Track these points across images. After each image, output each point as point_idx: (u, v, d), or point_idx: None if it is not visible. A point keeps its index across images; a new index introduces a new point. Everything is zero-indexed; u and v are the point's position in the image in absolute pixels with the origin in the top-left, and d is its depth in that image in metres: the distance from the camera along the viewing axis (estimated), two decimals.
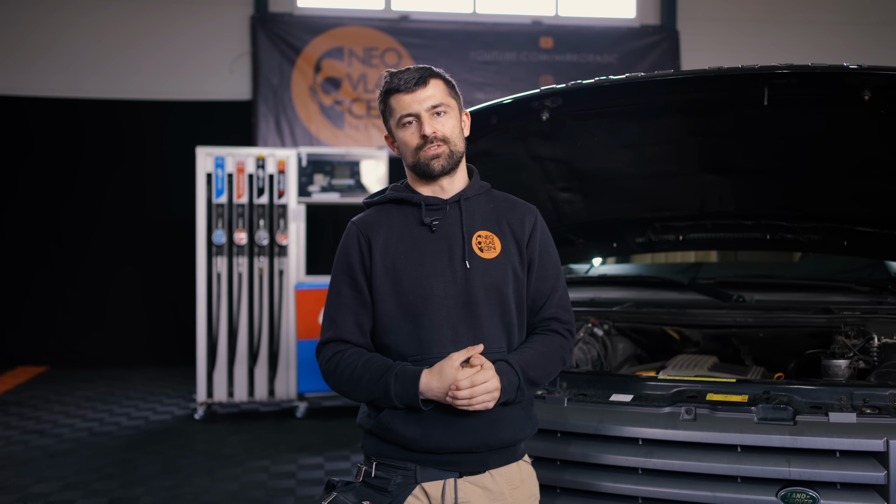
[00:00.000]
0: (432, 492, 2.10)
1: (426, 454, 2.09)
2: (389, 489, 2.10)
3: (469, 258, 2.14)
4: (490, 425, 2.10)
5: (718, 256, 4.60)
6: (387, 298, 2.12)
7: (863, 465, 2.29)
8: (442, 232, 2.16)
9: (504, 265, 2.17)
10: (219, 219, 6.95)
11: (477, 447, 2.09)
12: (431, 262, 2.13)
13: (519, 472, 2.20)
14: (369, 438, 2.18)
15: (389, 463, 2.13)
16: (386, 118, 2.22)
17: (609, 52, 10.22)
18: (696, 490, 2.42)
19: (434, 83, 2.16)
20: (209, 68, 9.62)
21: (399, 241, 2.15)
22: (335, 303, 2.18)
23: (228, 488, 5.17)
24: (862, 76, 2.54)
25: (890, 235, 3.33)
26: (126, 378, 8.82)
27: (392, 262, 2.13)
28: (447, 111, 2.17)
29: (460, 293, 2.11)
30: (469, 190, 2.23)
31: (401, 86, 2.14)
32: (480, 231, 2.19)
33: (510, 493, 2.16)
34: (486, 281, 2.13)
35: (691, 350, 3.49)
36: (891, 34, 10.41)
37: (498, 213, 2.24)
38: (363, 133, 9.75)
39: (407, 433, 2.08)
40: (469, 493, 2.11)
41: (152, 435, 6.52)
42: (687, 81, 2.80)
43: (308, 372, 7.00)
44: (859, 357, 2.95)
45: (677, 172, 3.34)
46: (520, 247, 2.21)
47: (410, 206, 2.20)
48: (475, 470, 2.12)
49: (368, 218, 2.22)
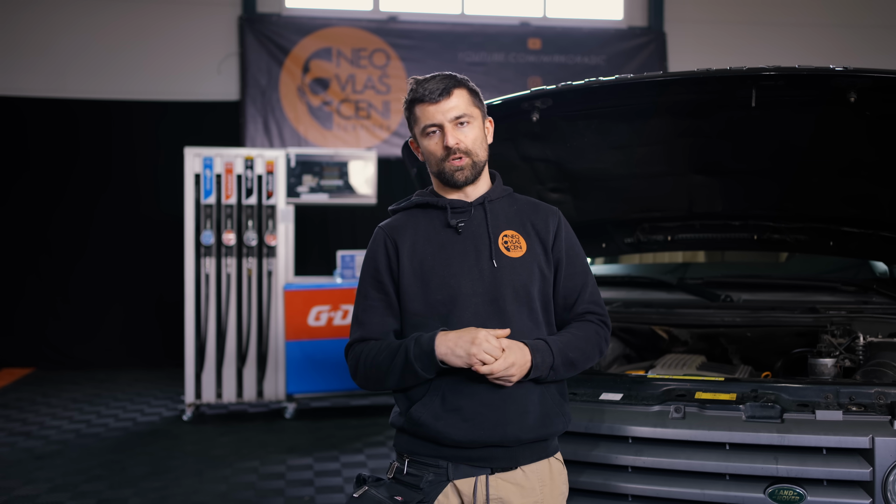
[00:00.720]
0: (464, 489, 2.13)
1: (457, 449, 2.12)
2: (421, 486, 2.13)
3: (496, 257, 2.18)
4: (520, 418, 2.12)
5: (705, 256, 4.64)
6: (415, 298, 2.17)
7: (849, 462, 2.32)
8: (468, 233, 2.21)
9: (530, 264, 2.21)
10: (207, 219, 6.94)
11: (508, 441, 2.12)
12: (459, 262, 2.18)
13: (549, 468, 2.23)
14: (401, 436, 2.22)
15: (421, 460, 2.16)
16: (411, 125, 2.26)
17: (597, 53, 10.27)
18: (686, 488, 2.45)
19: (458, 93, 2.19)
20: (197, 69, 9.59)
21: (426, 244, 2.20)
22: (362, 305, 2.24)
23: (218, 489, 5.17)
24: (848, 78, 2.57)
25: (875, 236, 3.37)
26: (113, 380, 8.79)
27: (420, 263, 2.18)
28: (470, 121, 2.20)
29: (488, 291, 2.16)
30: (492, 193, 2.28)
31: (425, 96, 2.17)
32: (506, 231, 2.24)
33: (541, 490, 2.19)
34: (514, 279, 2.18)
35: (680, 349, 3.52)
36: (878, 37, 10.50)
37: (521, 215, 2.29)
38: (351, 134, 9.75)
39: (437, 426, 2.10)
40: (501, 490, 2.14)
41: (140, 436, 6.50)
42: (676, 83, 2.83)
43: (297, 373, 7.00)
44: (845, 356, 3.00)
45: (666, 173, 3.36)
46: (545, 247, 2.26)
47: (436, 210, 2.25)
48: (507, 466, 2.15)
49: (395, 223, 2.28)
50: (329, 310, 7.07)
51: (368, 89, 9.82)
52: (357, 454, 5.96)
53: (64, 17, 9.36)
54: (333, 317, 7.07)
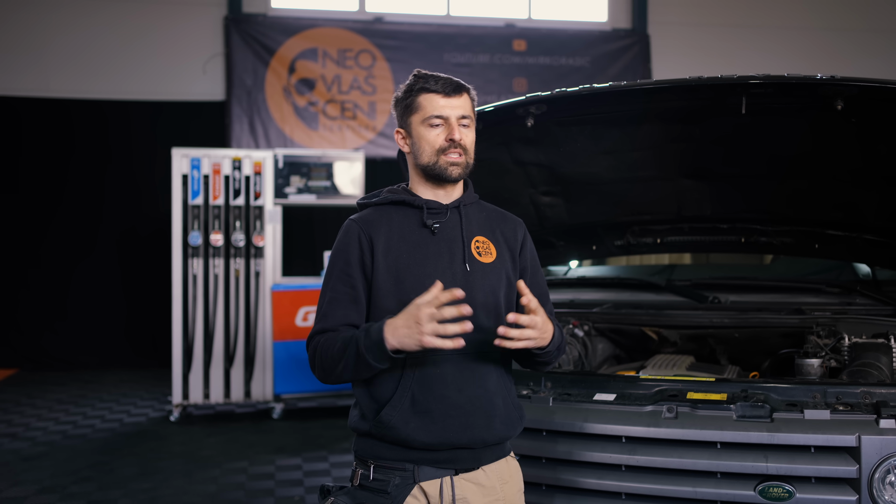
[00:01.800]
0: (430, 490, 2.15)
1: (424, 452, 2.14)
2: (388, 490, 2.14)
3: (469, 261, 2.21)
4: (486, 421, 2.17)
5: (691, 258, 4.70)
6: (388, 296, 2.17)
7: (836, 460, 2.38)
8: (442, 235, 2.23)
9: (499, 270, 2.26)
10: (194, 220, 6.93)
11: (474, 443, 2.16)
12: (433, 262, 2.19)
13: (507, 467, 2.27)
14: (365, 440, 2.20)
15: (387, 464, 2.16)
16: (408, 114, 2.24)
17: (581, 55, 10.34)
18: (678, 486, 2.50)
19: (465, 96, 2.24)
20: (182, 69, 9.57)
21: (400, 241, 2.21)
22: (328, 297, 2.21)
23: (207, 490, 5.18)
24: (835, 86, 2.64)
25: (859, 239, 3.45)
26: (99, 380, 8.76)
27: (394, 261, 2.19)
28: (470, 125, 2.25)
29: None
30: (466, 198, 2.31)
31: (438, 88, 2.20)
32: (478, 236, 2.27)
33: (501, 488, 2.23)
34: (484, 284, 2.21)
35: (669, 350, 3.57)
36: (862, 40, 10.64)
37: (491, 222, 2.33)
38: (337, 134, 9.76)
39: (407, 430, 2.11)
40: (465, 490, 2.17)
41: (128, 437, 6.49)
42: (667, 90, 2.88)
43: (284, 373, 7.01)
44: (831, 356, 3.07)
45: (656, 177, 3.42)
46: (512, 255, 2.31)
47: (411, 209, 2.26)
48: (470, 467, 2.18)
49: (368, 217, 2.26)
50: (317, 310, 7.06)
51: (354, 90, 9.84)
52: (345, 454, 5.98)
53: (42, 17, 9.30)
54: None
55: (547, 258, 4.07)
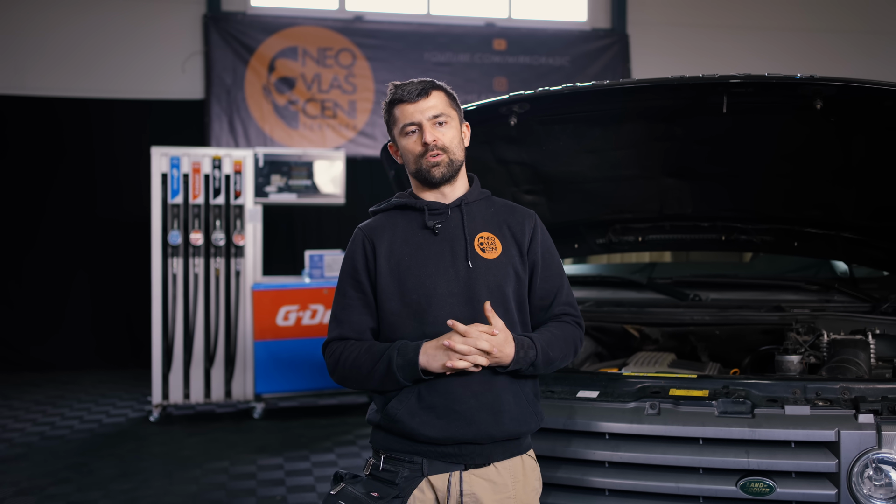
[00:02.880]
0: (438, 484, 2.18)
1: (432, 446, 2.17)
2: (397, 482, 2.18)
3: (471, 258, 2.24)
4: (493, 417, 2.18)
5: (672, 256, 4.74)
6: (392, 298, 2.22)
7: (816, 455, 2.42)
8: (444, 234, 2.26)
9: (505, 265, 2.27)
10: (174, 219, 6.89)
11: (481, 438, 2.17)
12: (435, 262, 2.23)
13: (522, 465, 2.28)
14: (378, 433, 2.27)
15: (397, 456, 2.21)
16: (390, 127, 2.32)
17: (561, 54, 10.37)
18: (661, 482, 2.52)
19: (436, 94, 2.26)
20: (161, 67, 9.49)
21: (403, 244, 2.26)
22: (341, 304, 2.30)
23: (188, 490, 5.16)
24: (814, 86, 2.67)
25: (837, 237, 3.50)
26: (77, 381, 8.67)
27: (397, 264, 2.23)
28: (447, 121, 2.26)
29: (463, 291, 2.21)
30: (470, 195, 2.33)
31: (404, 96, 2.23)
32: (482, 233, 2.29)
33: (513, 486, 2.24)
34: (489, 279, 2.23)
35: (650, 347, 3.60)
36: (836, 42, 10.75)
37: (498, 217, 2.35)
38: (317, 133, 9.73)
39: (413, 423, 2.15)
40: (474, 486, 2.19)
41: (107, 438, 6.44)
42: (650, 89, 2.90)
43: (265, 373, 6.99)
44: (810, 353, 3.11)
45: (638, 176, 3.45)
46: (520, 249, 2.31)
47: (414, 212, 2.30)
48: (480, 462, 2.20)
49: (374, 223, 2.33)
50: (297, 309, 7.07)
51: (334, 89, 9.81)
52: (327, 453, 5.97)
53: (19, 13, 9.18)
54: (302, 316, 7.07)
55: None
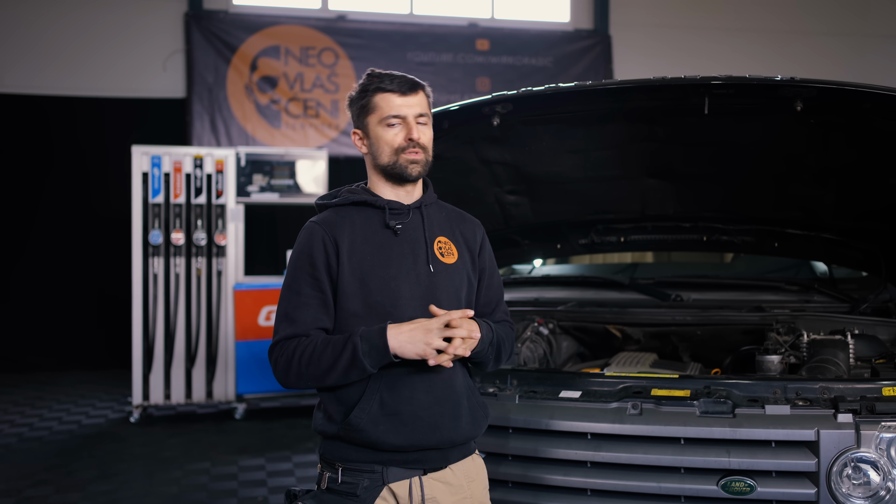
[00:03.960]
0: (399, 491, 2.15)
1: (393, 453, 2.13)
2: (358, 493, 2.12)
3: (432, 262, 2.22)
4: (454, 422, 2.18)
5: (653, 257, 4.76)
6: (353, 298, 2.15)
7: (796, 454, 2.43)
8: (405, 236, 2.22)
9: (461, 271, 2.27)
10: (155, 219, 6.85)
11: (443, 443, 2.17)
12: (397, 264, 2.19)
13: (474, 465, 2.29)
14: (333, 443, 2.18)
15: (355, 467, 2.14)
16: (363, 114, 2.23)
17: (544, 55, 10.39)
18: (642, 481, 2.53)
19: (421, 93, 2.24)
20: (142, 65, 9.42)
21: (364, 243, 2.19)
22: (295, 302, 2.16)
23: (169, 491, 5.12)
24: (795, 88, 2.69)
25: (817, 238, 3.52)
26: (56, 382, 8.61)
27: (359, 263, 2.16)
28: (427, 122, 2.25)
29: (424, 295, 2.18)
30: (427, 198, 2.31)
31: (395, 87, 2.19)
32: (440, 237, 2.27)
33: (468, 486, 2.24)
34: (447, 284, 2.22)
35: (632, 348, 3.61)
36: (816, 43, 10.85)
37: (451, 223, 2.34)
38: (300, 133, 9.70)
39: (377, 432, 2.10)
40: (434, 489, 2.17)
41: (86, 439, 6.39)
42: (632, 90, 2.91)
43: (247, 373, 6.95)
44: (790, 353, 3.13)
45: (621, 176, 3.46)
46: (472, 255, 2.33)
47: (372, 209, 2.24)
48: (438, 466, 2.19)
49: (330, 218, 2.23)
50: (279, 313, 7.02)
51: (317, 88, 9.78)
52: (309, 454, 5.95)
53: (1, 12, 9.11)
54: None
55: (512, 257, 4.09)
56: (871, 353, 3.13)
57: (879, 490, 2.40)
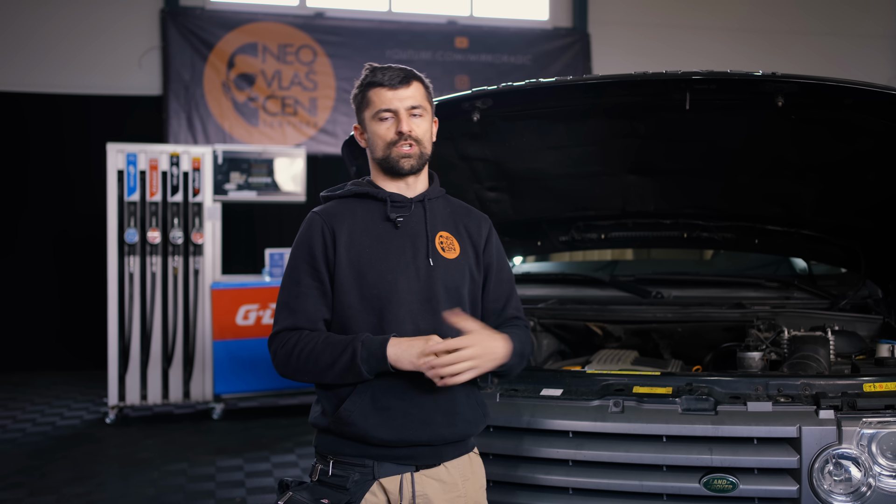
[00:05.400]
0: (390, 487, 2.13)
1: (384, 448, 2.11)
2: (348, 486, 2.11)
3: (433, 256, 2.19)
4: (447, 418, 2.15)
5: (633, 254, 4.75)
6: (350, 290, 2.14)
7: (778, 451, 2.42)
8: (406, 229, 2.20)
9: (463, 266, 2.24)
10: (131, 217, 6.77)
11: (435, 440, 2.14)
12: (396, 257, 2.17)
13: (470, 463, 2.26)
14: (325, 436, 2.18)
15: (346, 460, 2.14)
16: (360, 110, 2.25)
17: (523, 53, 10.39)
18: (624, 479, 2.51)
19: (416, 85, 2.21)
20: (117, 62, 9.31)
21: (363, 235, 2.18)
22: (294, 292, 2.17)
23: (145, 493, 5.05)
24: (776, 83, 2.68)
25: (797, 234, 3.53)
26: (29, 383, 8.49)
27: (357, 255, 2.16)
28: (423, 114, 2.22)
29: (422, 289, 2.16)
30: (431, 192, 2.29)
31: (385, 81, 2.18)
32: (442, 231, 2.25)
33: (463, 485, 2.21)
34: (447, 279, 2.19)
35: (613, 345, 3.59)
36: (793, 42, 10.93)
37: (455, 217, 2.31)
38: (278, 131, 9.63)
39: (367, 426, 2.09)
40: (426, 486, 2.15)
41: (61, 441, 6.30)
42: (613, 85, 2.89)
43: (224, 373, 6.89)
44: (771, 349, 3.12)
45: (601, 173, 3.44)
46: (476, 251, 2.29)
47: (374, 202, 2.23)
48: (431, 463, 2.16)
49: (331, 210, 2.23)
50: (258, 308, 6.98)
51: (295, 86, 9.71)
52: (288, 454, 5.90)
53: None
54: (262, 315, 6.98)
55: None
56: (851, 350, 3.13)
57: (861, 486, 2.39)
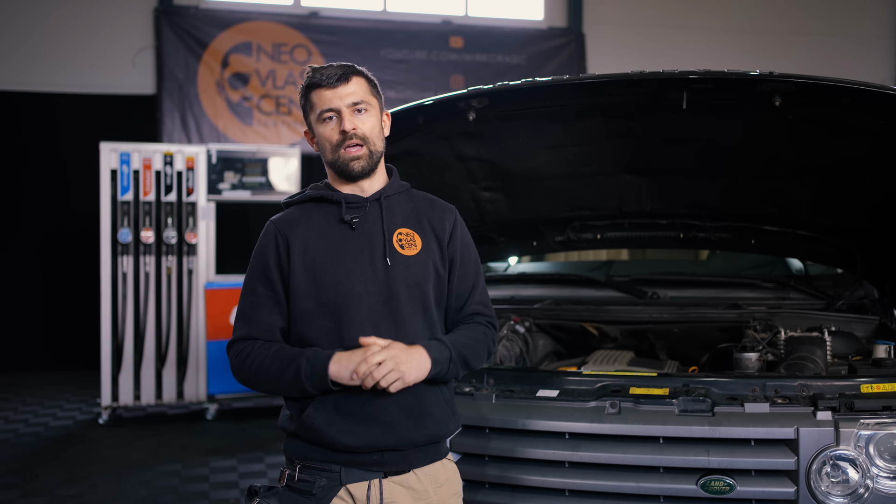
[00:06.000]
0: (357, 493, 2.08)
1: (350, 454, 2.07)
2: (314, 492, 2.08)
3: (390, 255, 2.14)
4: (414, 420, 2.10)
5: (629, 255, 4.74)
6: (306, 297, 2.11)
7: (775, 453, 2.41)
8: (362, 230, 2.16)
9: (425, 262, 2.18)
10: (124, 217, 6.73)
11: (401, 444, 2.09)
12: (352, 259, 2.12)
13: (443, 470, 2.20)
14: (292, 441, 2.15)
15: (313, 465, 2.10)
16: (306, 113, 2.21)
17: (518, 52, 10.37)
18: (621, 481, 2.49)
19: (356, 80, 2.16)
20: (110, 61, 9.26)
21: (318, 239, 2.14)
22: (250, 301, 2.16)
23: (138, 494, 5.03)
24: (774, 83, 2.66)
25: (793, 234, 3.52)
26: (22, 383, 8.44)
27: (312, 260, 2.12)
28: (368, 109, 2.16)
29: (381, 290, 2.11)
30: (389, 188, 2.23)
31: (322, 81, 2.13)
32: (401, 228, 2.19)
33: (435, 492, 2.16)
34: (408, 277, 2.14)
35: (609, 346, 3.59)
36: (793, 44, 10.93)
37: (418, 212, 2.25)
38: (272, 130, 9.59)
39: (330, 432, 2.05)
40: (394, 494, 2.10)
41: (53, 441, 6.26)
42: (610, 84, 2.87)
43: (218, 373, 6.85)
44: (768, 350, 3.11)
45: (597, 173, 3.43)
46: (441, 245, 2.22)
47: (330, 204, 2.19)
48: (400, 470, 2.11)
49: (287, 217, 2.20)
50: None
51: (289, 85, 9.68)
52: (281, 455, 5.85)
53: None
54: None
55: (488, 254, 4.05)
56: (847, 350, 3.12)
57: (858, 488, 2.39)
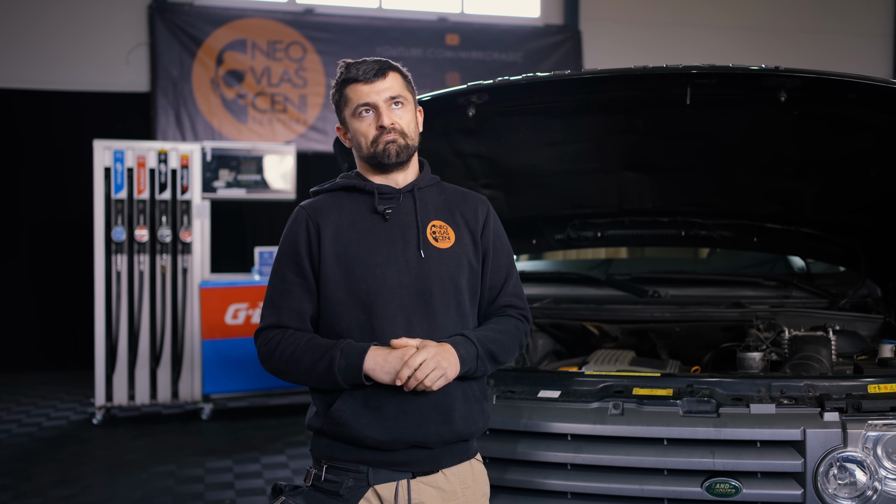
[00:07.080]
0: (385, 494, 2.06)
1: (378, 452, 2.05)
2: (341, 493, 2.05)
3: (424, 247, 2.11)
4: (443, 416, 2.07)
5: (627, 252, 4.70)
6: (337, 286, 2.08)
7: (781, 454, 2.37)
8: (395, 221, 2.13)
9: (458, 255, 2.15)
10: (118, 215, 6.67)
11: (430, 439, 2.06)
12: (385, 250, 2.10)
13: (471, 470, 2.18)
14: (319, 440, 2.12)
15: (340, 465, 2.08)
16: (340, 108, 2.18)
17: (514, 50, 10.34)
18: (624, 484, 2.46)
19: (393, 75, 2.15)
20: (104, 58, 9.20)
21: (350, 229, 2.12)
22: (280, 288, 2.13)
23: (133, 495, 4.98)
24: (779, 78, 2.62)
25: (796, 232, 3.47)
26: (15, 383, 8.38)
27: (344, 250, 2.09)
28: (404, 104, 2.16)
29: (414, 282, 2.09)
30: (421, 181, 2.21)
31: (359, 76, 2.11)
32: (434, 221, 2.17)
33: (463, 493, 2.14)
34: (441, 270, 2.11)
35: (610, 345, 3.54)
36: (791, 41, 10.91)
37: (450, 204, 2.22)
38: (267, 128, 9.54)
39: (358, 425, 2.03)
40: (422, 494, 2.08)
41: (47, 442, 6.21)
42: (612, 79, 2.83)
43: (214, 373, 6.80)
44: (772, 349, 3.07)
45: (598, 170, 3.38)
46: (474, 237, 2.20)
47: (362, 194, 2.16)
48: (428, 469, 2.09)
49: (318, 203, 2.17)
50: (247, 307, 6.90)
51: (285, 82, 9.63)
52: (278, 455, 5.83)
53: None
54: (252, 315, 6.90)
55: None
56: (852, 350, 3.09)
57: (866, 490, 2.35)
